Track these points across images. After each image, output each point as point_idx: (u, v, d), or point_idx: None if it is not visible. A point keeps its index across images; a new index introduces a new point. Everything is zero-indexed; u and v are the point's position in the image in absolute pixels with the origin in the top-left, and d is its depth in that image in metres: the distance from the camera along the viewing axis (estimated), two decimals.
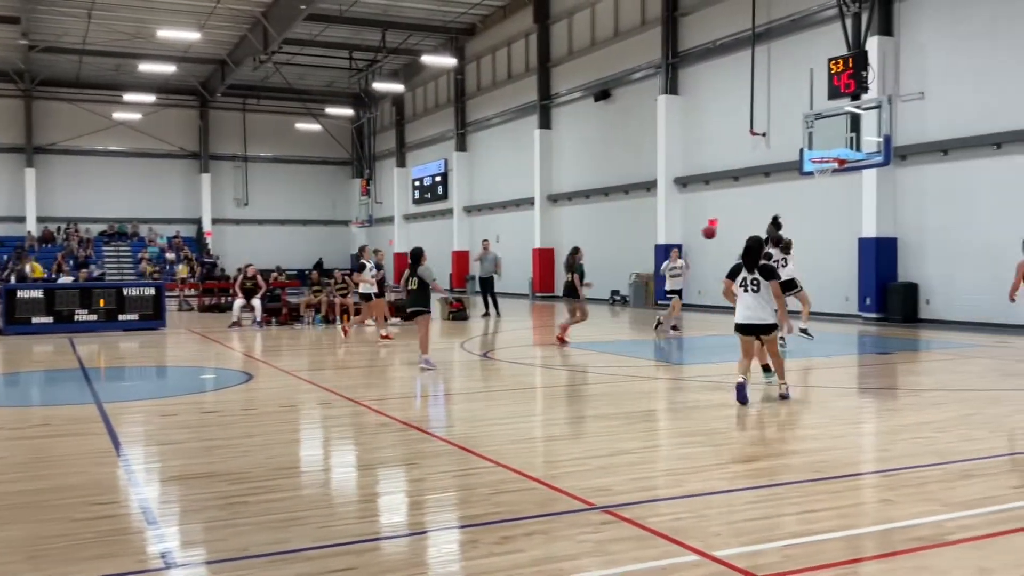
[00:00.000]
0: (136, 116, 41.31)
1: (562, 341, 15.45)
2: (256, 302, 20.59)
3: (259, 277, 21.26)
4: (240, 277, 21.50)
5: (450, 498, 5.80)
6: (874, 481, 6.16)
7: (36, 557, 4.60)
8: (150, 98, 39.38)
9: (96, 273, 33.31)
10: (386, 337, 16.39)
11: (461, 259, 36.71)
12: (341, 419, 8.80)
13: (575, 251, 15.95)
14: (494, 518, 5.18)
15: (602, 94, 28.50)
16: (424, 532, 5.14)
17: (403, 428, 8.10)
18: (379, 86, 38.13)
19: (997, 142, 17.21)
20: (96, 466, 6.73)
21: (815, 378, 11.72)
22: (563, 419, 8.74)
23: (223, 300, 26.94)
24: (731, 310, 10.00)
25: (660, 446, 7.54)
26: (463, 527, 5.14)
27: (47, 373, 12.94)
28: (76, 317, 18.80)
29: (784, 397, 9.42)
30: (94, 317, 18.93)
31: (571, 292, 15.76)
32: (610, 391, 10.33)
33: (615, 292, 27.90)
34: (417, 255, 12.85)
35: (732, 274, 9.61)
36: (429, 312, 12.79)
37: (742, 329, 9.55)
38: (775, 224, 14.53)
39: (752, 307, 9.44)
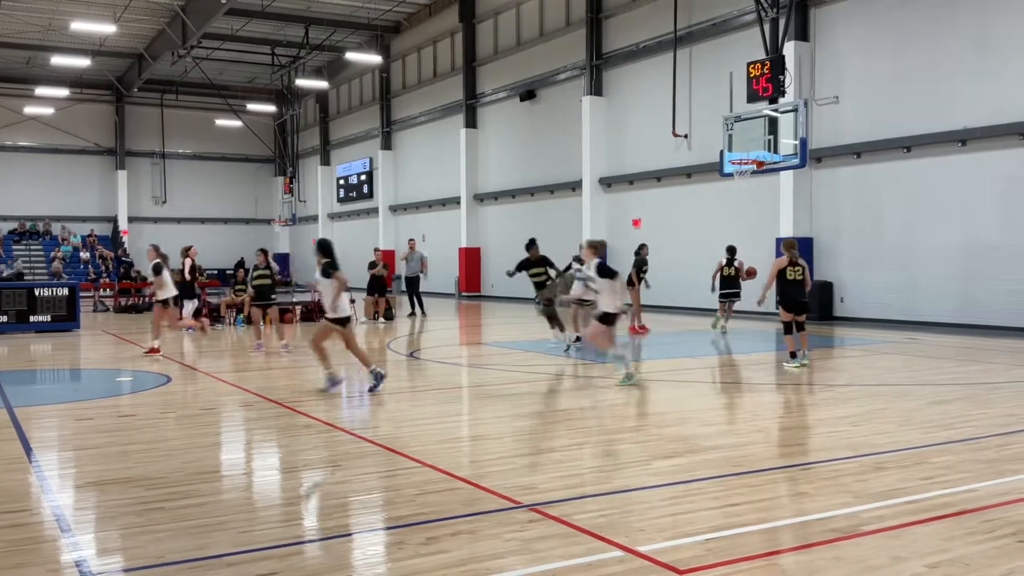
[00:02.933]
0: (48, 111, 39.89)
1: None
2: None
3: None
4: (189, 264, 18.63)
5: (375, 499, 5.75)
6: (791, 475, 6.32)
7: None
8: (63, 92, 38.06)
9: (6, 273, 32.01)
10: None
11: (387, 259, 36.39)
12: (264, 421, 8.65)
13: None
14: (420, 519, 5.16)
15: (528, 94, 28.62)
16: (349, 534, 5.08)
17: (327, 429, 8.00)
18: (302, 83, 37.60)
19: (907, 145, 17.84)
20: (6, 473, 6.49)
21: (734, 375, 11.97)
22: (489, 418, 8.75)
23: (140, 300, 26.27)
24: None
25: (584, 444, 7.61)
26: (389, 528, 5.10)
27: None
28: None
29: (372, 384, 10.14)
30: (3, 319, 18.25)
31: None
32: (535, 390, 10.38)
33: None
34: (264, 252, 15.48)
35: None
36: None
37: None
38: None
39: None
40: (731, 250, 17.22)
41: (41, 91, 37.46)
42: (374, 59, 33.61)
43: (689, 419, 8.53)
